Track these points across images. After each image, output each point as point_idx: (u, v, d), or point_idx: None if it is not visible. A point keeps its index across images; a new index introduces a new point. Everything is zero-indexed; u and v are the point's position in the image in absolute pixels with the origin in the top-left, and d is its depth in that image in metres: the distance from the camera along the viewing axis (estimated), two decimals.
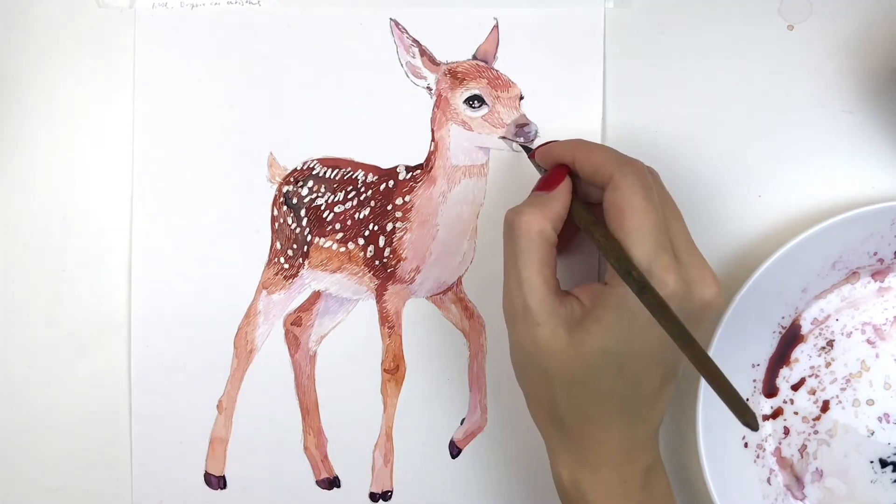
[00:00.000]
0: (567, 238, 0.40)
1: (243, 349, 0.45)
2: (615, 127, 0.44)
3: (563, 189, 0.36)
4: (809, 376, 0.44)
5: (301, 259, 0.45)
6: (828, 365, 0.44)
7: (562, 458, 0.36)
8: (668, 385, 0.36)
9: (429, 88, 0.44)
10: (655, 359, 0.35)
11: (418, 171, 0.44)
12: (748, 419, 0.28)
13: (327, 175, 0.45)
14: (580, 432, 0.35)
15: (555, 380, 0.34)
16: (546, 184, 0.36)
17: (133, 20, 0.45)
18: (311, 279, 0.45)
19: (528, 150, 0.42)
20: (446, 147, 0.44)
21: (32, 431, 0.45)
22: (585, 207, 0.36)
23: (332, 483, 0.45)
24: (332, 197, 0.45)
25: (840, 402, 0.44)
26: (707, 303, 0.34)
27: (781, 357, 0.44)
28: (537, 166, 0.40)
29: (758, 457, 0.44)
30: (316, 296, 0.45)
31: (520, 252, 0.34)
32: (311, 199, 0.45)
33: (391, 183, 0.44)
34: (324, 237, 0.45)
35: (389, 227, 0.44)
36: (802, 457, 0.44)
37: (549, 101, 0.44)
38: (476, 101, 0.44)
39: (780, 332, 0.44)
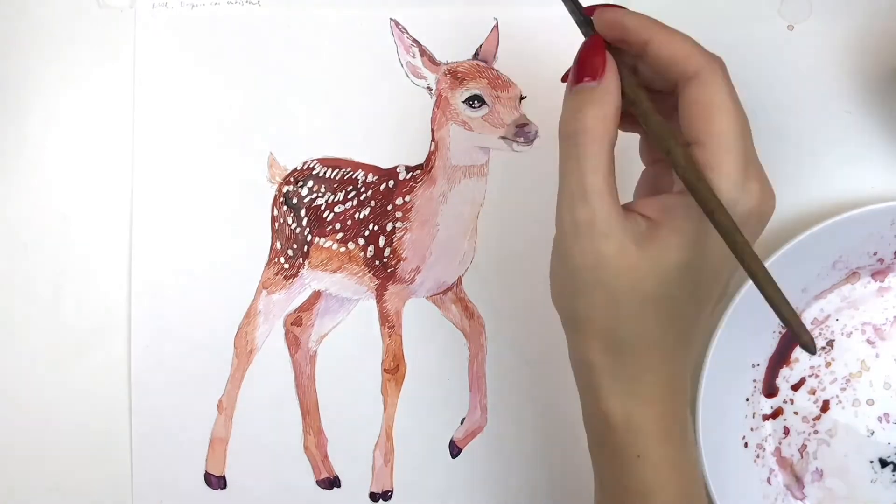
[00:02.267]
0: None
1: (243, 349, 0.45)
2: None
3: (613, 71, 0.31)
4: (809, 376, 0.44)
5: (301, 259, 0.45)
6: (828, 365, 0.44)
7: (612, 391, 0.32)
8: (717, 308, 0.34)
9: (429, 88, 0.44)
10: (718, 275, 0.32)
11: (418, 171, 0.44)
12: (806, 340, 0.27)
13: (327, 175, 0.45)
14: (638, 359, 0.32)
15: (621, 300, 0.31)
16: (589, 68, 0.31)
17: (133, 20, 0.45)
18: (312, 279, 0.45)
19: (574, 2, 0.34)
20: (446, 147, 0.44)
21: (32, 431, 0.45)
22: (649, 96, 0.32)
23: (332, 483, 0.45)
24: (332, 197, 0.45)
25: (840, 402, 0.44)
26: (769, 214, 0.32)
27: (781, 357, 0.44)
28: (583, 22, 0.33)
29: (758, 457, 0.44)
30: (316, 296, 0.45)
31: (585, 159, 0.30)
32: (311, 199, 0.45)
33: (391, 183, 0.44)
34: (324, 237, 0.45)
35: (389, 227, 0.44)
36: (802, 457, 0.44)
37: (549, 102, 0.44)
38: (476, 101, 0.44)
39: (780, 332, 0.44)
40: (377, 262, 0.45)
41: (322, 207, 0.45)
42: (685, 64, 0.31)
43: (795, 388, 0.44)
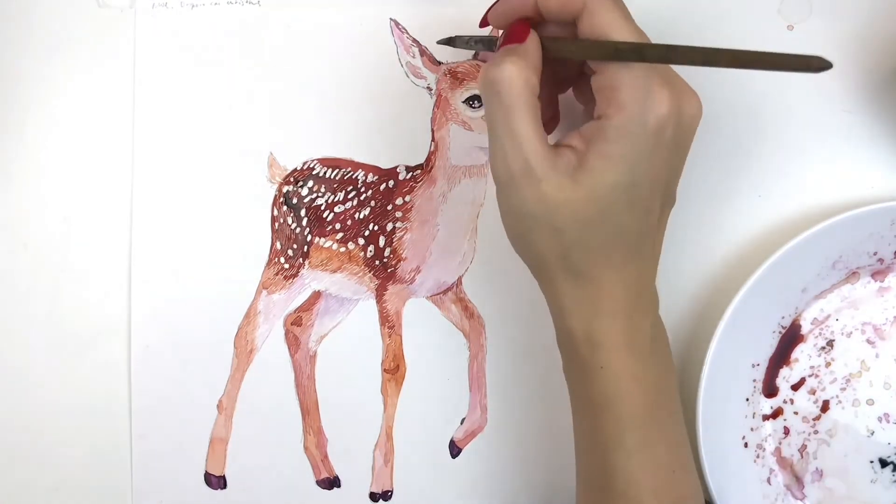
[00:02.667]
0: (550, 109, 0.39)
1: (243, 349, 0.45)
2: None
3: (534, 37, 0.34)
4: (809, 376, 0.44)
5: (301, 259, 0.45)
6: (828, 365, 0.44)
7: (574, 311, 0.35)
8: (666, 213, 0.36)
9: (429, 88, 0.44)
10: (659, 182, 0.34)
11: (418, 171, 0.44)
12: (813, 62, 0.28)
13: (327, 175, 0.45)
14: (593, 278, 0.34)
15: (566, 231, 0.33)
16: (512, 37, 0.34)
17: (133, 20, 0.45)
18: (312, 279, 0.45)
19: (453, 40, 0.39)
20: (446, 147, 0.44)
21: (32, 431, 0.45)
22: (555, 38, 0.35)
23: (332, 483, 0.45)
24: (332, 197, 0.45)
25: (840, 402, 0.44)
26: (695, 115, 0.34)
27: (781, 357, 0.44)
28: (485, 43, 0.38)
29: (758, 457, 0.44)
30: (316, 296, 0.45)
31: (509, 109, 0.33)
32: (311, 199, 0.45)
33: (391, 183, 0.44)
34: (324, 237, 0.45)
35: (389, 227, 0.44)
36: (802, 457, 0.44)
37: None
38: (476, 101, 0.44)
39: (780, 332, 0.44)
40: (377, 262, 0.45)
41: (322, 207, 0.45)
42: (571, 3, 0.33)
43: (795, 388, 0.44)
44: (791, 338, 0.44)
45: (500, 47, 0.35)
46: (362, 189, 0.45)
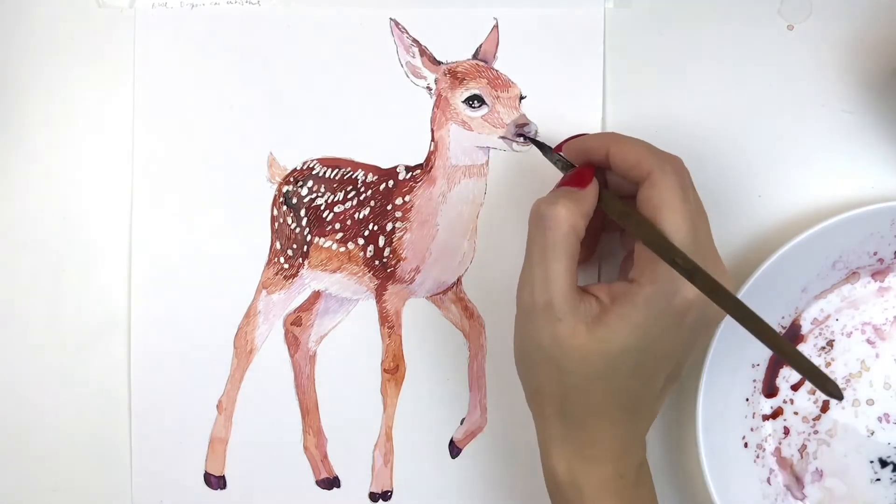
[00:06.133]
0: (589, 246, 0.41)
1: (243, 349, 0.45)
2: (615, 127, 0.44)
3: (594, 187, 0.36)
4: None
5: (301, 259, 0.45)
6: (828, 365, 0.44)
7: (560, 451, 0.36)
8: (670, 385, 0.37)
9: (429, 88, 0.44)
10: (668, 357, 0.35)
11: (418, 171, 0.44)
12: (830, 389, 0.29)
13: (327, 175, 0.45)
14: (585, 426, 0.35)
15: (569, 375, 0.34)
16: (575, 180, 0.36)
17: (133, 20, 0.45)
18: (311, 279, 0.45)
19: (542, 146, 0.41)
20: (446, 147, 0.44)
21: (32, 431, 0.45)
22: (618, 198, 0.36)
23: (332, 483, 0.45)
24: (331, 197, 0.45)
25: (840, 402, 0.44)
26: (720, 312, 0.35)
27: None
28: (559, 160, 0.39)
29: (758, 457, 0.44)
30: (316, 296, 0.45)
31: (551, 246, 0.34)
32: (310, 198, 0.45)
33: (391, 183, 0.44)
34: (324, 237, 0.45)
35: (389, 227, 0.44)
36: (802, 457, 0.44)
37: (549, 101, 0.44)
38: (476, 101, 0.44)
39: (780, 332, 0.44)
40: (377, 262, 0.45)
41: (322, 207, 0.45)
42: (639, 168, 0.35)
43: (795, 388, 0.44)
44: (791, 338, 0.44)
45: (562, 184, 0.36)
46: (362, 189, 0.45)
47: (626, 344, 0.34)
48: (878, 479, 0.44)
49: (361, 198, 0.45)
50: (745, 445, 0.44)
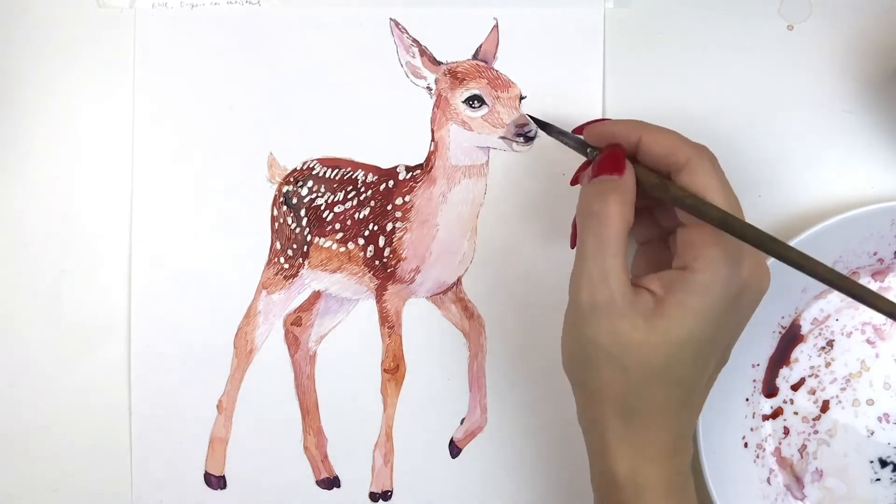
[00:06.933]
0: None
1: (243, 349, 0.45)
2: None
3: (631, 172, 0.35)
4: (809, 376, 0.44)
5: (301, 259, 0.45)
6: (828, 365, 0.44)
7: (622, 452, 0.35)
8: (718, 371, 0.37)
9: (429, 88, 0.44)
10: (722, 342, 0.35)
11: (418, 171, 0.44)
12: None
13: (327, 175, 0.45)
14: (647, 424, 0.35)
15: (632, 371, 0.34)
16: (610, 166, 0.35)
17: (133, 20, 0.45)
18: (311, 279, 0.45)
19: (552, 128, 0.40)
20: (446, 147, 0.44)
21: (33, 431, 0.45)
22: (654, 173, 0.35)
23: (332, 483, 0.45)
24: (331, 197, 0.45)
25: (840, 402, 0.44)
26: (763, 290, 0.35)
27: (781, 357, 0.44)
28: (562, 137, 0.39)
29: (758, 457, 0.44)
30: (316, 296, 0.45)
31: (607, 242, 0.33)
32: (310, 199, 0.45)
33: (391, 183, 0.44)
34: (324, 237, 0.45)
35: (389, 227, 0.44)
36: (802, 457, 0.44)
37: (549, 101, 0.44)
38: (476, 101, 0.44)
39: (780, 332, 0.44)
40: (377, 262, 0.45)
41: (322, 207, 0.45)
42: (675, 156, 0.34)
43: (795, 388, 0.44)
44: (791, 338, 0.44)
45: (597, 173, 0.35)
46: (362, 189, 0.45)
47: (688, 333, 0.33)
48: (878, 479, 0.44)
49: (361, 198, 0.45)
50: (745, 445, 0.44)
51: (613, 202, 0.34)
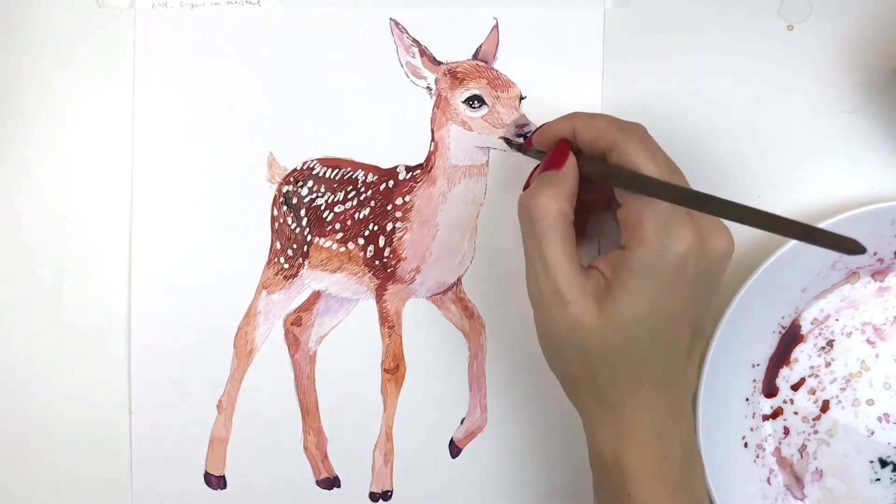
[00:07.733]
0: (581, 222, 0.41)
1: (243, 349, 0.45)
2: None
3: (571, 164, 0.36)
4: (809, 376, 0.44)
5: (301, 259, 0.45)
6: (828, 365, 0.44)
7: (603, 436, 0.35)
8: (698, 343, 0.36)
9: (429, 88, 0.44)
10: (683, 315, 0.35)
11: (418, 171, 0.44)
12: (851, 247, 0.27)
13: (327, 175, 0.45)
14: (621, 405, 0.35)
15: (591, 354, 0.34)
16: (552, 162, 0.36)
17: (133, 20, 0.45)
18: (311, 279, 0.45)
19: (520, 148, 0.42)
20: (446, 147, 0.44)
21: (32, 431, 0.45)
22: (594, 160, 0.36)
23: (332, 483, 0.45)
24: (332, 197, 0.45)
25: (840, 402, 0.44)
26: (724, 252, 0.35)
27: (781, 357, 0.44)
28: (536, 154, 0.40)
29: (758, 457, 0.44)
30: (316, 296, 0.45)
31: (541, 235, 0.34)
32: (310, 199, 0.45)
33: (391, 183, 0.44)
34: (324, 237, 0.45)
35: (389, 227, 0.44)
36: (802, 457, 0.44)
37: (549, 101, 0.44)
38: (476, 102, 0.44)
39: (780, 332, 0.44)
40: (377, 262, 0.45)
41: (322, 207, 0.45)
42: (604, 138, 0.35)
43: (795, 388, 0.44)
44: (791, 338, 0.44)
45: (541, 171, 0.36)
46: (362, 189, 0.45)
47: (634, 313, 0.33)
48: (878, 479, 0.44)
49: (361, 198, 0.45)
50: (745, 445, 0.44)
51: (543, 196, 0.34)
